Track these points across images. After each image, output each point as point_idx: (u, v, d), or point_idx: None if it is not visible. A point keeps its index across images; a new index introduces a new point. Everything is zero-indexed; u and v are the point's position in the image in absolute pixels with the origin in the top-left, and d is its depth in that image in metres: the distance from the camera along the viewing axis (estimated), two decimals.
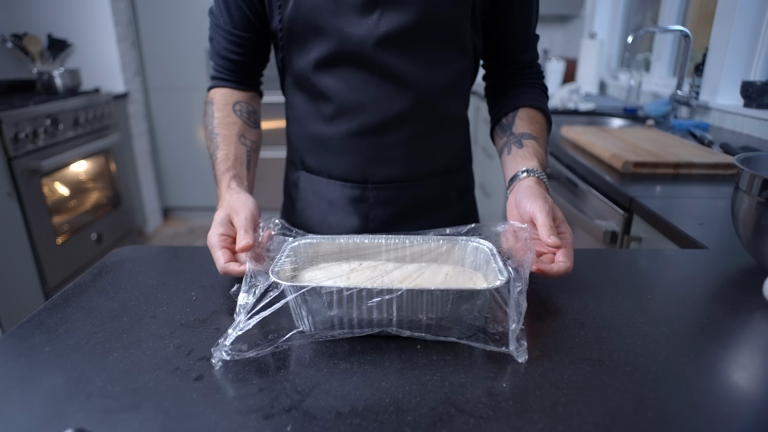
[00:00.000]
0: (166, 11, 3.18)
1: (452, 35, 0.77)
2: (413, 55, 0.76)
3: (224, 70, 0.85)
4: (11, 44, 2.68)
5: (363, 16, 0.73)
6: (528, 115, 0.83)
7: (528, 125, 0.81)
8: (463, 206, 0.92)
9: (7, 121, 2.02)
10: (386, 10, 0.73)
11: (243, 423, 0.39)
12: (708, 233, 0.83)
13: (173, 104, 3.37)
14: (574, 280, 0.64)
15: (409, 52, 0.75)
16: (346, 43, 0.74)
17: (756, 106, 1.68)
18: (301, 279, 0.55)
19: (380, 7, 0.73)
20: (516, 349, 0.46)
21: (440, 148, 0.86)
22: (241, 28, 0.80)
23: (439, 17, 0.74)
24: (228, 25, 0.80)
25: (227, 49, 0.82)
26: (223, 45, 0.82)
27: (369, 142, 0.80)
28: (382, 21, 0.73)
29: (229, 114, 0.82)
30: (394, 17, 0.73)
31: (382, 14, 0.73)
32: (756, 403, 0.42)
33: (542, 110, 0.84)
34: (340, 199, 0.85)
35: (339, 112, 0.79)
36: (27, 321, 0.54)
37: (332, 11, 0.73)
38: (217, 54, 0.84)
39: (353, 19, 0.73)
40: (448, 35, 0.77)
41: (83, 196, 2.59)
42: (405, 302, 0.48)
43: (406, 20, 0.73)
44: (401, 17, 0.73)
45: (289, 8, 0.74)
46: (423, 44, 0.76)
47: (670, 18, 2.37)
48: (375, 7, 0.73)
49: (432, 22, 0.74)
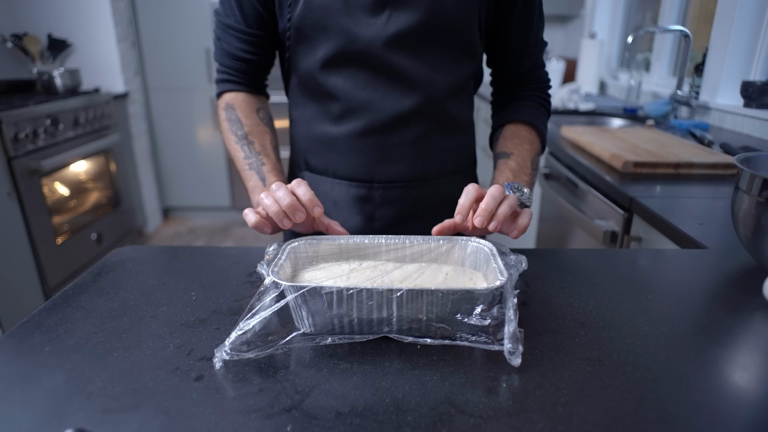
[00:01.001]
0: (166, 11, 3.18)
1: (460, 37, 0.78)
2: (421, 55, 0.76)
3: (234, 71, 0.84)
4: (11, 44, 2.68)
5: (372, 16, 0.73)
6: (511, 132, 0.84)
7: (507, 143, 0.82)
8: None
9: (7, 121, 2.02)
10: (395, 11, 0.73)
11: (243, 423, 0.39)
12: (708, 233, 0.83)
13: (173, 104, 3.37)
14: (574, 280, 0.64)
15: (417, 52, 0.76)
16: (355, 43, 0.74)
17: (756, 106, 1.68)
18: (301, 279, 0.55)
19: (389, 8, 0.73)
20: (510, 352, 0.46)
21: (446, 148, 0.86)
22: (254, 26, 0.80)
23: (447, 19, 0.75)
24: (241, 24, 0.80)
25: (240, 49, 0.82)
26: (234, 45, 0.82)
27: (376, 141, 0.81)
28: (391, 21, 0.73)
29: (257, 122, 0.83)
30: (402, 18, 0.73)
31: (391, 14, 0.73)
32: (756, 403, 0.42)
33: (530, 123, 0.85)
34: (345, 199, 0.85)
35: (346, 112, 0.80)
36: (27, 321, 0.54)
37: (342, 10, 0.73)
38: (227, 55, 0.83)
39: (362, 19, 0.74)
40: (455, 37, 0.77)
41: (83, 196, 2.59)
42: (405, 302, 0.48)
43: (414, 21, 0.73)
44: (410, 18, 0.73)
45: (299, 7, 0.75)
46: (431, 45, 0.76)
47: (670, 18, 2.37)
48: (384, 8, 0.73)
49: (440, 24, 0.75)
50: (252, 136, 0.80)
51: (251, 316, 0.48)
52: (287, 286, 0.48)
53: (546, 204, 1.80)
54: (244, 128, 0.81)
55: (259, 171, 0.76)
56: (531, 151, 0.82)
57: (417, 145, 0.82)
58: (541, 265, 0.68)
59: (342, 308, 0.48)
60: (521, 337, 0.46)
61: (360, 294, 0.47)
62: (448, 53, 0.78)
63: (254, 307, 0.48)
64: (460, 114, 0.86)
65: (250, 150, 0.79)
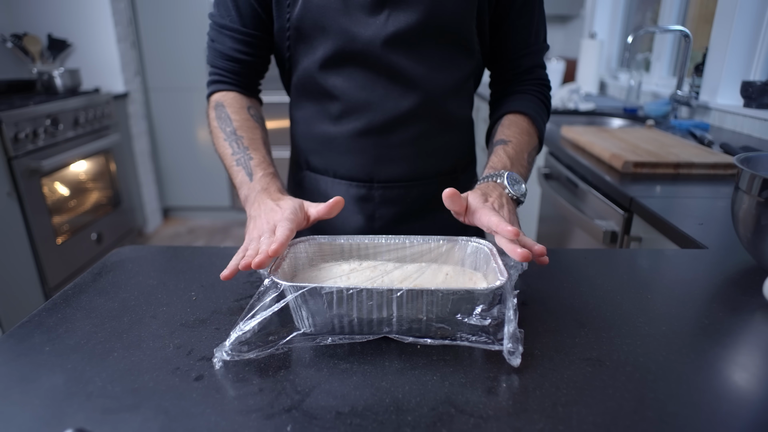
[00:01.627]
0: (166, 11, 3.17)
1: (459, 36, 0.78)
2: (420, 55, 0.76)
3: (228, 73, 0.83)
4: (11, 44, 2.68)
5: (371, 15, 0.73)
6: (510, 121, 0.82)
7: (506, 131, 0.80)
8: None
9: (7, 121, 2.02)
10: (394, 10, 0.73)
11: (243, 423, 0.39)
12: (708, 233, 0.83)
13: (173, 104, 3.37)
14: (574, 280, 0.64)
15: (416, 52, 0.76)
16: (354, 43, 0.74)
17: (756, 106, 1.68)
18: (301, 279, 0.55)
19: (388, 7, 0.73)
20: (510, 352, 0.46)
21: (446, 147, 0.86)
22: (251, 26, 0.79)
23: (446, 18, 0.75)
24: (237, 23, 0.79)
25: (234, 49, 0.81)
26: (229, 45, 0.80)
27: (375, 141, 0.81)
28: (389, 21, 0.73)
29: (248, 118, 0.80)
30: (401, 17, 0.73)
31: (390, 14, 0.73)
32: (756, 403, 0.42)
33: (527, 114, 0.82)
34: (346, 198, 0.85)
35: (345, 112, 0.80)
36: (27, 321, 0.54)
37: (340, 10, 0.73)
38: (220, 56, 0.82)
39: (361, 19, 0.73)
40: (454, 36, 0.77)
41: (83, 196, 2.59)
42: (405, 302, 0.48)
43: (413, 20, 0.73)
44: (409, 17, 0.73)
45: (297, 7, 0.75)
46: (430, 44, 0.76)
47: (670, 18, 2.37)
48: (383, 7, 0.73)
49: (439, 23, 0.75)
50: (241, 131, 0.78)
51: (251, 316, 0.48)
52: (287, 286, 0.48)
53: (546, 204, 1.80)
54: (233, 124, 0.78)
55: (246, 166, 0.73)
56: (529, 143, 0.80)
57: (416, 144, 0.82)
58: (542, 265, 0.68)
59: (342, 308, 0.48)
60: (521, 337, 0.46)
61: (360, 294, 0.47)
62: (447, 52, 0.78)
63: (254, 307, 0.48)
64: (460, 113, 0.86)
65: (238, 146, 0.76)
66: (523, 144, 0.78)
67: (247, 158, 0.74)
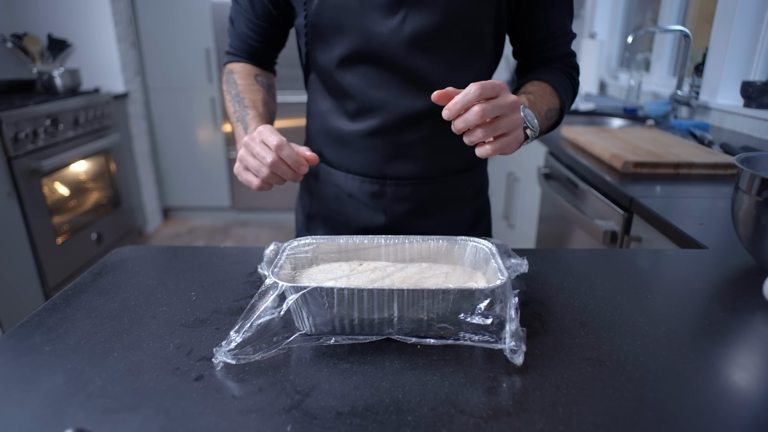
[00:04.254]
0: (166, 11, 3.17)
1: (474, 37, 0.78)
2: (435, 55, 0.77)
3: (241, 51, 0.89)
4: (11, 44, 2.68)
5: (388, 15, 0.74)
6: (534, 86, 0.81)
7: (529, 87, 0.79)
8: (477, 205, 0.94)
9: (7, 121, 2.02)
10: (411, 11, 0.74)
11: (243, 423, 0.39)
12: (708, 233, 0.83)
13: (173, 104, 3.37)
14: (574, 280, 0.64)
15: (432, 52, 0.76)
16: (370, 42, 0.75)
17: (756, 106, 1.68)
18: (302, 280, 0.55)
19: (405, 8, 0.73)
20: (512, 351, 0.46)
21: (458, 147, 0.86)
22: (263, 18, 0.85)
23: (462, 19, 0.75)
24: (250, 15, 0.85)
25: (247, 35, 0.87)
26: (243, 29, 0.87)
27: (389, 139, 0.82)
28: (406, 21, 0.74)
29: (252, 83, 0.87)
30: (418, 18, 0.74)
31: (406, 14, 0.74)
32: (756, 403, 0.42)
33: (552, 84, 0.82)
34: (359, 193, 0.86)
35: (361, 110, 0.81)
36: (27, 321, 0.54)
37: (357, 10, 0.74)
38: (236, 35, 0.88)
39: (378, 19, 0.74)
40: (469, 37, 0.78)
41: (83, 196, 2.59)
42: (406, 302, 0.48)
43: (430, 21, 0.73)
44: (425, 18, 0.73)
45: (314, 5, 0.76)
46: (445, 45, 0.77)
47: (670, 18, 2.37)
48: (400, 7, 0.74)
49: (455, 24, 0.75)
50: (243, 93, 0.84)
51: (251, 316, 0.48)
52: (287, 287, 0.48)
53: (546, 204, 1.80)
54: (238, 87, 0.85)
55: (243, 121, 0.79)
56: (550, 102, 0.79)
57: (429, 143, 0.83)
58: (541, 265, 0.68)
59: (343, 309, 0.48)
60: (523, 336, 0.46)
61: (361, 294, 0.47)
62: (462, 52, 0.78)
63: (254, 308, 0.48)
64: None
65: (240, 105, 0.82)
66: (545, 99, 0.78)
67: (245, 114, 0.80)
